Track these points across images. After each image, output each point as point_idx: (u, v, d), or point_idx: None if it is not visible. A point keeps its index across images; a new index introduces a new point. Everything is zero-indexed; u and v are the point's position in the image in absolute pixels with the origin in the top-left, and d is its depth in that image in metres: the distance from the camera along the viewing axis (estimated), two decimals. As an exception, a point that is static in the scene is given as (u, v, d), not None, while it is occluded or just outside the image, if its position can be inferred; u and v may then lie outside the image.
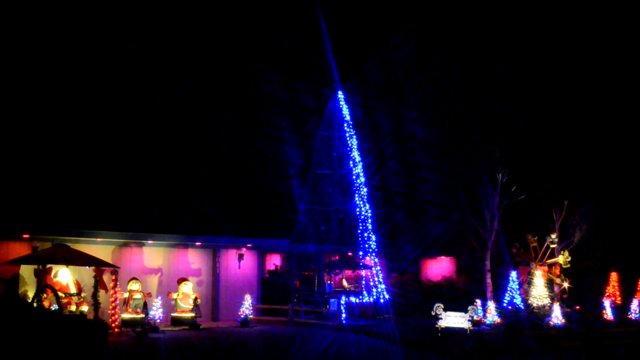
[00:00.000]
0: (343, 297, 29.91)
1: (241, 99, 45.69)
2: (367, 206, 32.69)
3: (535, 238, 32.41)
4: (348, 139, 32.96)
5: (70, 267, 25.08)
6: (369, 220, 32.63)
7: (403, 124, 45.08)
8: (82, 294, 25.24)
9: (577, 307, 31.02)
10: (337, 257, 33.66)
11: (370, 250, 32.55)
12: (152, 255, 29.16)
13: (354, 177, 32.50)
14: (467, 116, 35.40)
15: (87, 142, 37.93)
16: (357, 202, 32.28)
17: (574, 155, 36.70)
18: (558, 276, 32.43)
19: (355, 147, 32.92)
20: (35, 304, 19.09)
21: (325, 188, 32.28)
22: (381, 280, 32.61)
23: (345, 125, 33.07)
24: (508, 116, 34.90)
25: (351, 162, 32.60)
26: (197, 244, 29.98)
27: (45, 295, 22.44)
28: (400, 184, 42.72)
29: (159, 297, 26.22)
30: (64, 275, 25.15)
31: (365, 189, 32.82)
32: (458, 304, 26.84)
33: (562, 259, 31.82)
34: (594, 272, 35.67)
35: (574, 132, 37.96)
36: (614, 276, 34.42)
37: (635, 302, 29.83)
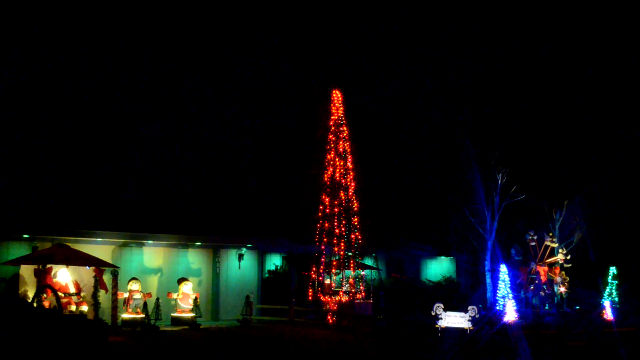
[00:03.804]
0: (343, 297, 29.91)
1: (239, 98, 45.66)
2: (368, 205, 32.60)
3: (535, 237, 32.41)
4: (345, 138, 32.75)
5: (70, 267, 25.05)
6: (369, 220, 32.56)
7: (403, 123, 45.07)
8: (82, 294, 25.22)
9: (577, 307, 31.04)
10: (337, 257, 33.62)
11: (371, 250, 32.51)
12: (152, 255, 29.14)
13: (352, 176, 32.39)
14: (467, 116, 35.40)
15: (87, 142, 37.94)
16: (357, 201, 32.21)
17: (573, 155, 36.72)
18: (558, 276, 32.43)
19: (351, 146, 32.74)
20: (35, 304, 19.08)
21: (325, 187, 32.18)
22: (381, 280, 32.59)
23: (342, 124, 32.85)
24: (508, 116, 34.92)
25: (348, 161, 32.44)
26: (197, 244, 29.97)
27: (45, 295, 22.41)
28: (400, 184, 42.73)
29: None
30: (63, 276, 25.11)
31: (364, 188, 32.73)
32: (458, 304, 26.84)
33: (562, 256, 31.84)
34: (593, 272, 35.66)
35: (574, 132, 37.98)
36: (612, 271, 33.80)
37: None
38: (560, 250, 32.01)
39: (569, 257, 32.02)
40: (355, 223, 31.18)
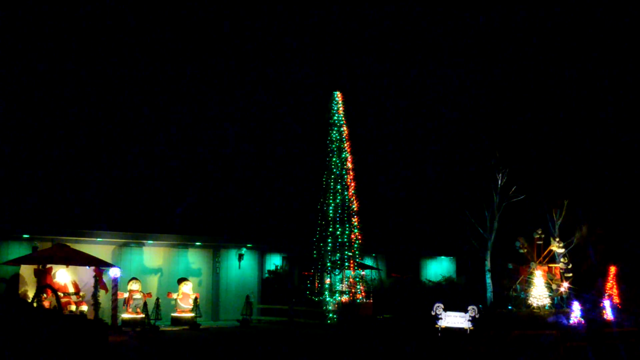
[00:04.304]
0: (343, 297, 29.91)
1: (237, 98, 45.69)
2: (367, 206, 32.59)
3: (543, 236, 32.24)
4: (346, 138, 32.71)
5: (70, 267, 25.05)
6: (369, 221, 32.55)
7: (403, 123, 45.10)
8: (81, 294, 25.22)
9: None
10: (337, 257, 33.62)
11: (370, 250, 32.43)
12: (152, 255, 29.14)
13: (352, 176, 32.37)
14: (467, 116, 35.42)
15: (88, 142, 37.95)
16: (357, 201, 32.21)
17: (573, 155, 36.71)
18: (554, 282, 32.28)
19: (351, 146, 32.73)
20: (35, 304, 19.08)
21: (324, 187, 32.17)
22: (381, 280, 32.54)
23: (343, 124, 32.80)
24: (508, 116, 34.90)
25: (348, 161, 32.39)
26: (197, 244, 29.96)
27: (45, 295, 22.41)
28: (400, 184, 42.75)
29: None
30: (62, 276, 25.11)
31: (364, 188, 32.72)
32: (458, 304, 26.80)
33: (562, 265, 31.73)
34: (593, 272, 35.61)
35: (574, 132, 38.00)
36: (612, 270, 33.74)
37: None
38: (562, 260, 31.88)
39: (570, 267, 31.85)
40: (355, 223, 31.18)
